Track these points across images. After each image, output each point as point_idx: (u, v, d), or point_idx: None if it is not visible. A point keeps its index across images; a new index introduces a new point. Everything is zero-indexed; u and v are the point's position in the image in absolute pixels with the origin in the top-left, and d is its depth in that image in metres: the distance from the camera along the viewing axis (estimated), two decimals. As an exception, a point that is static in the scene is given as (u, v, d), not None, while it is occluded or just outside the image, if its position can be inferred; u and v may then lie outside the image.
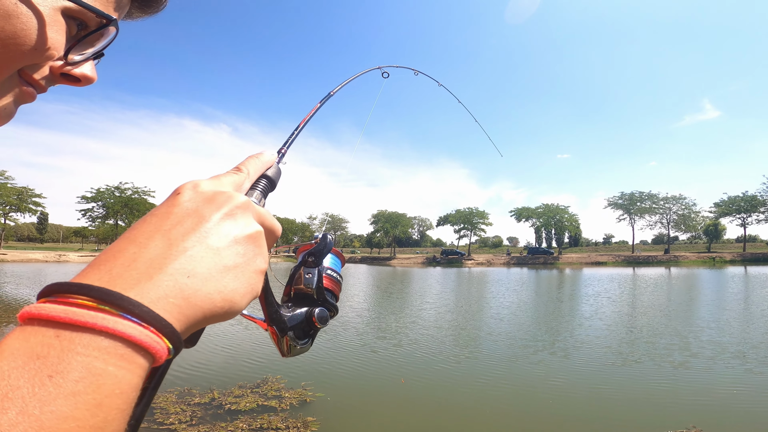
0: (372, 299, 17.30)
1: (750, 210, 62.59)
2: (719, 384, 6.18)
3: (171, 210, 0.32)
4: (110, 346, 0.24)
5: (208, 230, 0.31)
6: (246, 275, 0.33)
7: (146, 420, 4.66)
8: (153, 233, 0.30)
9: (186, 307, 0.28)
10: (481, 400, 5.62)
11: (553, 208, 74.22)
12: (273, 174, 0.45)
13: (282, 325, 0.44)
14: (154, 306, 0.27)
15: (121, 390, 0.24)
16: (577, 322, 11.37)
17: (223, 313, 0.31)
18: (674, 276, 31.37)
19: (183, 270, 0.29)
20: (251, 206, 0.35)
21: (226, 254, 0.31)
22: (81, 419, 0.22)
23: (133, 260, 0.28)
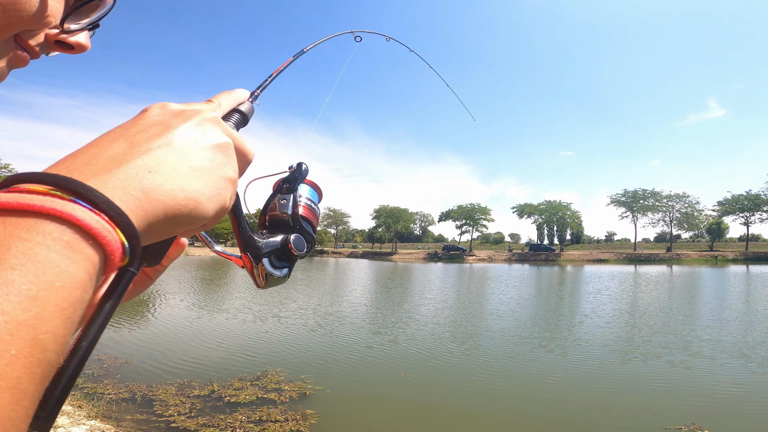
0: (372, 294, 17.35)
1: (753, 209, 62.28)
2: (718, 383, 6.18)
3: (137, 121, 0.31)
4: (56, 230, 0.22)
5: (174, 135, 0.31)
6: (213, 179, 0.31)
7: (144, 411, 4.72)
8: (116, 137, 0.29)
9: (145, 200, 0.27)
10: (479, 395, 5.65)
11: (555, 205, 74.02)
12: (246, 109, 0.44)
13: (256, 251, 0.42)
14: (110, 194, 0.25)
15: (63, 283, 0.22)
16: (576, 319, 11.37)
17: (187, 212, 0.29)
18: (675, 274, 31.30)
19: (145, 166, 0.28)
20: (221, 122, 0.35)
21: (191, 156, 0.31)
22: (10, 313, 0.20)
23: (93, 158, 0.27)
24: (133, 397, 5.16)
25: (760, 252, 56.94)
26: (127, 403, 4.98)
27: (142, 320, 10.60)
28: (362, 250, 79.62)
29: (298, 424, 4.52)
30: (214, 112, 0.36)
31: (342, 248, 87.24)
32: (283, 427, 4.46)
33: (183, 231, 0.31)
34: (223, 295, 16.00)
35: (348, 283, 22.23)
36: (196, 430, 4.35)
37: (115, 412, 4.70)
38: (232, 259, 0.46)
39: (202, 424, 4.47)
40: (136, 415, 4.64)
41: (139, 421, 4.52)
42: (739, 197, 63.90)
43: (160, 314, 11.38)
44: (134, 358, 6.88)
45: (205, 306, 12.84)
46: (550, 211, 73.70)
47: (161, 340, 8.26)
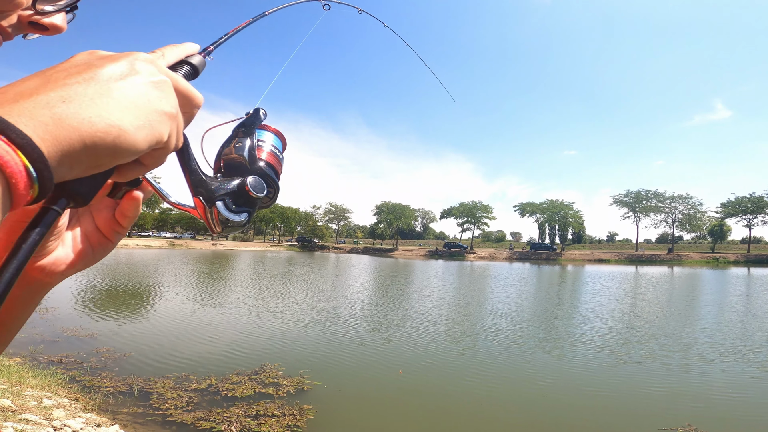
0: (372, 291, 17.36)
1: (756, 211, 61.96)
2: (715, 385, 6.17)
3: (57, 65, 0.29)
4: None
5: (98, 72, 0.29)
6: (142, 111, 0.29)
7: (141, 405, 4.72)
8: (31, 76, 0.28)
9: (56, 127, 0.25)
10: (475, 394, 5.65)
11: (557, 204, 73.77)
12: (197, 62, 0.41)
13: (209, 194, 0.40)
14: (14, 120, 0.23)
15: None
16: (575, 320, 11.35)
17: (110, 141, 0.27)
18: (676, 275, 31.22)
19: (59, 96, 0.26)
20: (158, 63, 0.33)
21: (116, 89, 0.29)
22: None
23: (1, 93, 0.25)
24: (131, 390, 5.15)
25: (762, 254, 56.73)
26: (124, 396, 4.98)
27: (140, 314, 10.62)
28: (363, 246, 79.61)
29: (295, 419, 4.52)
30: (151, 56, 0.33)
31: (343, 244, 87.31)
32: (280, 421, 4.46)
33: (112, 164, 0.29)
34: (223, 288, 16.03)
35: (348, 279, 22.24)
36: (193, 423, 4.35)
37: (112, 405, 4.70)
38: (185, 208, 0.42)
39: (198, 417, 4.47)
40: (133, 408, 4.64)
41: (135, 414, 4.52)
42: (742, 199, 63.58)
43: (160, 308, 11.40)
44: (132, 351, 6.89)
45: (205, 300, 12.86)
46: (552, 210, 73.48)
47: (160, 334, 8.27)
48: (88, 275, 19.16)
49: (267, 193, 0.43)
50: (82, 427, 3.64)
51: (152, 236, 74.53)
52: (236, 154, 0.45)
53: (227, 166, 0.45)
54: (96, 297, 12.60)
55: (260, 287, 16.64)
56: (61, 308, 10.27)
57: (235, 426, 4.31)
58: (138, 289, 14.60)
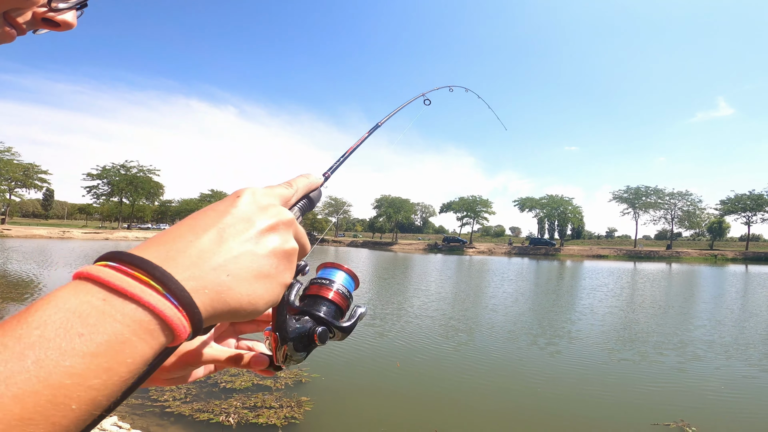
0: (371, 284, 17.41)
1: (756, 209, 61.97)
2: (709, 382, 6.22)
3: (229, 210, 0.35)
4: (145, 319, 0.27)
5: (255, 237, 0.35)
6: (273, 285, 0.35)
7: (140, 396, 4.74)
8: (209, 226, 0.33)
9: (217, 300, 0.31)
10: (471, 387, 5.70)
11: (557, 200, 73.73)
12: (314, 196, 0.49)
13: (284, 334, 0.46)
14: (193, 294, 0.30)
15: (133, 359, 0.26)
16: (570, 316, 11.42)
17: (244, 313, 0.33)
18: (674, 272, 31.34)
19: (225, 268, 0.32)
20: (294, 224, 0.39)
21: (263, 263, 0.34)
22: (85, 378, 0.24)
23: (187, 247, 0.31)
24: (129, 381, 5.17)
25: (760, 252, 56.92)
26: (123, 387, 5.00)
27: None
28: (362, 240, 79.71)
29: (292, 411, 4.56)
30: (291, 214, 0.39)
31: (342, 237, 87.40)
32: (278, 413, 4.49)
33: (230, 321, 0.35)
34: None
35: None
36: (191, 415, 4.39)
37: (111, 397, 4.73)
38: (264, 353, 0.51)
39: (197, 409, 4.51)
40: (131, 400, 4.64)
41: (133, 406, 4.56)
42: (741, 197, 63.58)
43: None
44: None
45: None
46: (552, 205, 73.47)
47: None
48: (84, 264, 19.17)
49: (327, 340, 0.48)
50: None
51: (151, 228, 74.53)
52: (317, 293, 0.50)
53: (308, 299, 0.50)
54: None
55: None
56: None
57: (233, 417, 4.35)
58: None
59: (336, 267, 0.55)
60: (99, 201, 72.83)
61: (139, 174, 70.74)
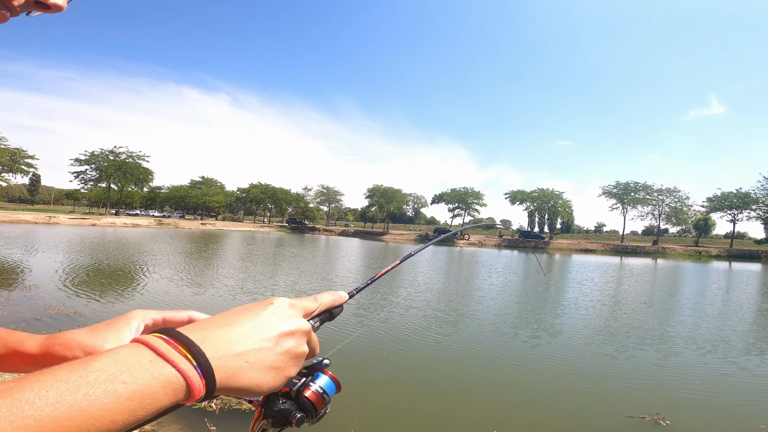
0: (360, 274, 17.45)
1: (742, 207, 62.95)
2: (685, 376, 6.39)
3: (261, 313, 0.45)
4: (174, 380, 0.35)
5: (275, 338, 0.44)
6: (279, 377, 0.44)
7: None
8: (244, 323, 0.43)
9: (230, 378, 0.40)
10: (454, 376, 5.78)
11: (548, 193, 74.27)
12: (336, 312, 0.58)
13: (269, 411, 0.51)
14: (216, 369, 0.38)
15: (152, 408, 0.34)
16: (554, 309, 11.58)
17: (248, 393, 0.42)
18: (658, 267, 31.95)
19: (246, 356, 0.41)
20: (310, 333, 0.49)
21: (276, 359, 0.43)
22: (113, 414, 0.31)
23: (223, 336, 0.41)
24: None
25: (744, 249, 58.14)
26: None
27: (125, 292, 10.55)
28: (354, 229, 79.65)
29: (276, 399, 4.57)
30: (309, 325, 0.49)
31: (334, 226, 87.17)
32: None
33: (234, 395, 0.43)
34: (210, 268, 15.97)
35: (336, 262, 22.32)
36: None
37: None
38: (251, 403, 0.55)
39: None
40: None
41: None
42: (728, 195, 64.54)
43: (146, 286, 11.33)
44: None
45: (191, 279, 12.82)
46: (543, 199, 74.03)
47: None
48: (72, 252, 18.92)
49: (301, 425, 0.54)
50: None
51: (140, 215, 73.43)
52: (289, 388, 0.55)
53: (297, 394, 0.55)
54: (80, 275, 12.47)
55: (247, 267, 16.61)
56: (44, 286, 10.15)
57: (216, 403, 4.36)
58: (123, 268, 14.47)
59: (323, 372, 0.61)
60: (87, 187, 71.46)
61: (128, 160, 69.40)
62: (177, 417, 4.10)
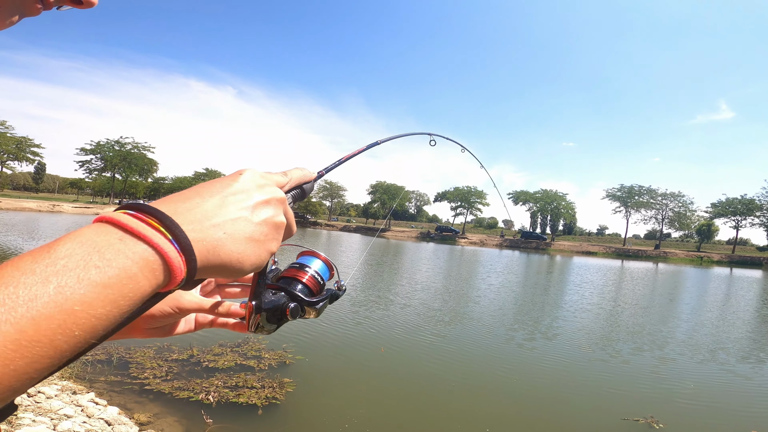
0: (360, 270, 17.48)
1: (746, 213, 62.57)
2: (681, 380, 6.39)
3: (232, 183, 0.41)
4: (151, 258, 0.31)
5: (251, 207, 0.40)
6: (261, 250, 0.41)
7: (119, 373, 4.76)
8: (215, 194, 0.39)
9: (212, 253, 0.36)
10: (450, 375, 5.80)
11: (551, 195, 74.02)
12: (307, 188, 0.54)
13: (260, 303, 0.50)
14: (193, 243, 0.35)
15: (133, 294, 0.30)
16: (552, 312, 11.58)
17: (231, 269, 0.38)
18: (659, 272, 31.84)
19: (223, 227, 0.37)
20: (285, 203, 0.45)
21: (255, 229, 0.40)
22: (93, 306, 0.28)
23: (194, 207, 0.37)
24: (110, 359, 5.16)
25: (745, 256, 57.87)
26: (103, 365, 4.98)
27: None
28: (355, 225, 79.69)
29: (274, 392, 4.60)
30: (284, 191, 0.47)
31: (336, 221, 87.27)
32: (259, 393, 4.54)
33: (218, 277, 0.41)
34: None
35: (338, 258, 22.36)
36: (170, 392, 4.41)
37: (90, 374, 4.71)
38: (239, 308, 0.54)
39: (176, 387, 4.53)
40: (110, 377, 4.66)
41: (112, 383, 4.55)
42: (733, 200, 64.14)
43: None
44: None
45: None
46: (545, 200, 73.79)
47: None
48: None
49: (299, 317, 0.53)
50: (56, 393, 3.68)
51: (143, 204, 73.55)
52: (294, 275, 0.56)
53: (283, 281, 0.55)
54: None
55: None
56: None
57: (213, 396, 4.39)
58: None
59: (314, 255, 0.59)
60: (91, 176, 71.73)
61: (133, 150, 69.60)
62: (173, 409, 4.14)
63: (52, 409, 3.37)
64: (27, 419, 3.06)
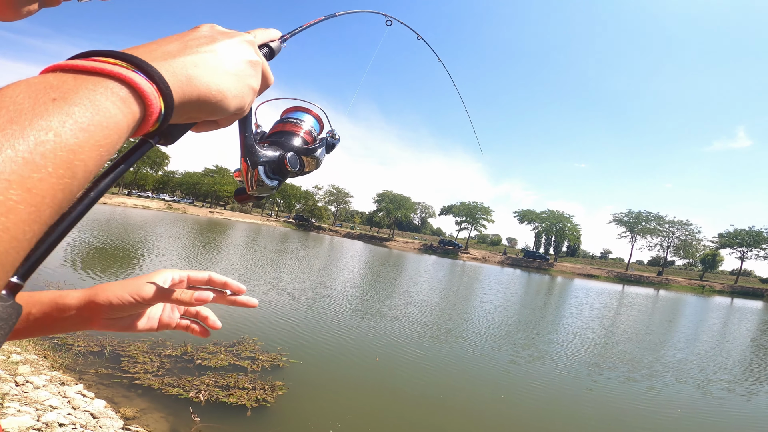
0: (361, 278, 17.41)
1: (752, 245, 62.00)
2: (667, 405, 6.35)
3: (191, 32, 0.39)
4: (116, 87, 0.28)
5: (218, 46, 0.38)
6: (240, 84, 0.39)
7: (110, 366, 4.72)
8: (173, 40, 0.37)
9: (186, 84, 0.34)
10: (442, 388, 5.71)
11: (557, 215, 73.64)
12: (275, 47, 0.51)
13: (255, 159, 0.48)
14: (164, 74, 0.32)
15: (108, 125, 0.27)
16: (547, 336, 11.43)
17: (214, 102, 0.36)
18: (659, 298, 31.40)
19: (192, 61, 0.35)
20: (255, 45, 0.43)
21: (228, 62, 0.38)
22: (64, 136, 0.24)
23: (153, 50, 0.34)
24: (102, 351, 5.12)
25: (748, 287, 57.01)
26: (95, 357, 4.94)
27: (127, 273, 10.62)
28: (359, 232, 79.66)
29: (265, 394, 4.55)
30: (251, 38, 0.44)
31: (340, 227, 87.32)
32: (250, 395, 4.48)
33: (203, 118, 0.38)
34: (212, 255, 16.03)
35: (339, 263, 22.29)
36: (160, 388, 4.37)
37: (80, 365, 4.67)
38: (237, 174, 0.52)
39: (167, 383, 4.48)
40: (101, 370, 4.62)
41: (102, 376, 4.51)
42: (740, 232, 63.56)
43: (147, 269, 11.40)
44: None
45: (193, 265, 12.84)
46: (551, 220, 73.40)
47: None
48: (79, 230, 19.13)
49: (299, 168, 0.52)
50: (45, 384, 3.64)
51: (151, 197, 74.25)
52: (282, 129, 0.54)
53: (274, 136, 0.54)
54: (84, 252, 12.59)
55: (251, 259, 16.65)
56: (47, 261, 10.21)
57: (203, 395, 4.34)
58: (128, 248, 14.59)
59: (304, 111, 0.58)
60: (101, 166, 72.53)
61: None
62: (161, 405, 4.09)
63: (38, 399, 3.33)
64: (12, 409, 3.02)
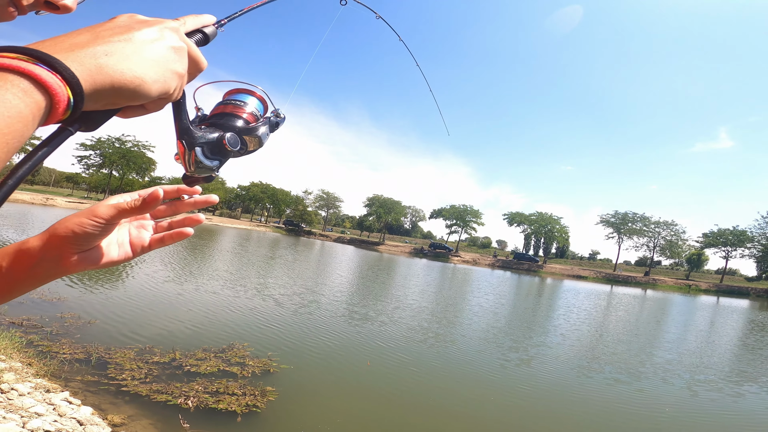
0: (352, 283, 17.38)
1: (736, 244, 63.35)
2: (654, 403, 6.42)
3: (104, 24, 0.38)
4: (16, 80, 0.29)
5: (135, 34, 0.37)
6: (161, 69, 0.38)
7: (96, 373, 4.65)
8: (83, 31, 0.35)
9: (96, 72, 0.33)
10: (435, 393, 5.74)
11: (546, 217, 74.50)
12: (209, 32, 0.49)
13: (191, 140, 0.47)
14: (69, 63, 0.31)
15: (11, 114, 0.28)
16: (537, 338, 11.55)
17: (132, 87, 0.35)
18: (647, 298, 31.94)
19: (103, 50, 0.34)
20: (180, 32, 0.42)
21: (146, 50, 0.37)
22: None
23: (59, 42, 0.33)
24: (89, 358, 5.03)
25: (733, 285, 58.26)
26: (81, 364, 4.85)
27: (112, 280, 10.46)
28: (350, 237, 79.44)
29: (255, 399, 4.52)
30: (176, 24, 0.42)
31: (330, 232, 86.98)
32: (240, 401, 4.45)
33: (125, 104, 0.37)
34: (200, 262, 15.85)
35: (330, 268, 22.21)
36: (148, 395, 4.31)
37: (66, 372, 4.58)
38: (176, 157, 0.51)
39: (155, 390, 4.43)
40: (87, 377, 4.54)
41: (88, 383, 4.43)
42: (724, 231, 64.95)
43: (132, 276, 11.24)
44: (98, 318, 6.76)
45: (179, 272, 12.72)
46: (540, 222, 74.22)
47: (130, 303, 8.16)
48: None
49: (240, 148, 0.50)
50: (29, 391, 3.57)
51: (137, 204, 72.87)
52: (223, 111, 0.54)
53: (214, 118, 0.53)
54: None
55: (239, 265, 16.50)
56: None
57: (192, 401, 4.29)
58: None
59: (247, 93, 0.56)
60: (88, 171, 71.29)
61: (133, 148, 69.52)
62: (149, 412, 4.04)
63: (23, 406, 3.27)
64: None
